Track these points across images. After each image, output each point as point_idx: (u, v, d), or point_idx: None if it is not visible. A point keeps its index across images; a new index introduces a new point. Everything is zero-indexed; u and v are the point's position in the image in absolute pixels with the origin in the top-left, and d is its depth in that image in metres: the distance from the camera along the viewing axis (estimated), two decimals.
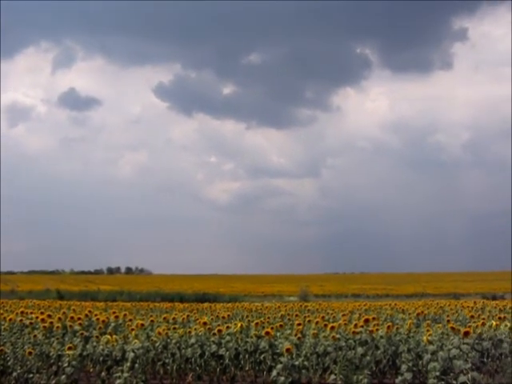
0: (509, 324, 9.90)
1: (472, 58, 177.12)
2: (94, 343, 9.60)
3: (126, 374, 8.57)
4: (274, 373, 8.11)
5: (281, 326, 10.47)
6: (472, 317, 12.70)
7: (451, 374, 7.61)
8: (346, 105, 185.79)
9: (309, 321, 11.33)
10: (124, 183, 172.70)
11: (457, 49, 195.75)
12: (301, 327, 10.09)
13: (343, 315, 12.67)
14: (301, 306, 23.00)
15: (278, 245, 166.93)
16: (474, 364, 7.67)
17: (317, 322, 10.43)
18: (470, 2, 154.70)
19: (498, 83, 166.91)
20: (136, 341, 9.35)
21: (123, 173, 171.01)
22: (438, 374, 7.63)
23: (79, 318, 11.18)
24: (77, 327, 10.58)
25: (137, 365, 8.84)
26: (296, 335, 9.37)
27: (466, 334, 8.03)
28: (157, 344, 9.64)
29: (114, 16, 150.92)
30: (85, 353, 9.48)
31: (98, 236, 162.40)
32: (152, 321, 11.55)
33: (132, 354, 8.97)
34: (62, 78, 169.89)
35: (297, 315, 14.21)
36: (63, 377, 8.70)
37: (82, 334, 10.10)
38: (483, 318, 11.62)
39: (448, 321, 11.58)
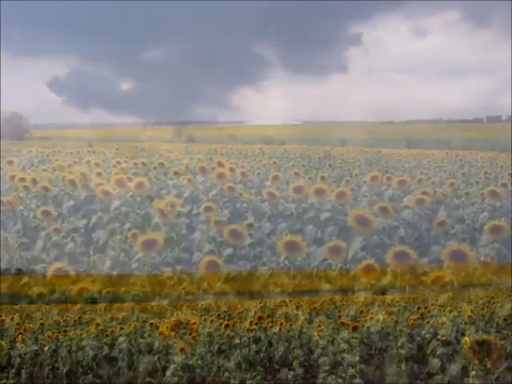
0: (395, 317, 10.36)
1: (365, 62, 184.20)
2: None
3: (11, 381, 8.19)
4: (168, 373, 8.03)
5: (176, 325, 10.39)
6: (362, 311, 13.18)
7: (340, 368, 7.85)
8: (244, 104, 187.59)
9: (204, 319, 11.31)
10: None
11: (351, 53, 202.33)
12: (196, 326, 10.05)
13: (239, 313, 12.75)
14: (197, 304, 22.92)
15: None
16: (362, 357, 7.91)
17: (212, 321, 10.42)
18: (365, 7, 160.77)
19: (388, 88, 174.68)
20: (23, 345, 8.96)
21: None
22: (328, 368, 7.84)
23: None
24: None
25: (23, 370, 8.47)
26: (191, 334, 9.31)
27: (355, 328, 8.30)
28: (46, 348, 9.27)
29: (3, 2, 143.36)
30: None
31: None
32: (42, 324, 11.12)
33: (18, 360, 8.58)
34: None
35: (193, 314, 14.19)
36: None
37: None
38: (372, 313, 12.10)
39: (339, 316, 11.94)
